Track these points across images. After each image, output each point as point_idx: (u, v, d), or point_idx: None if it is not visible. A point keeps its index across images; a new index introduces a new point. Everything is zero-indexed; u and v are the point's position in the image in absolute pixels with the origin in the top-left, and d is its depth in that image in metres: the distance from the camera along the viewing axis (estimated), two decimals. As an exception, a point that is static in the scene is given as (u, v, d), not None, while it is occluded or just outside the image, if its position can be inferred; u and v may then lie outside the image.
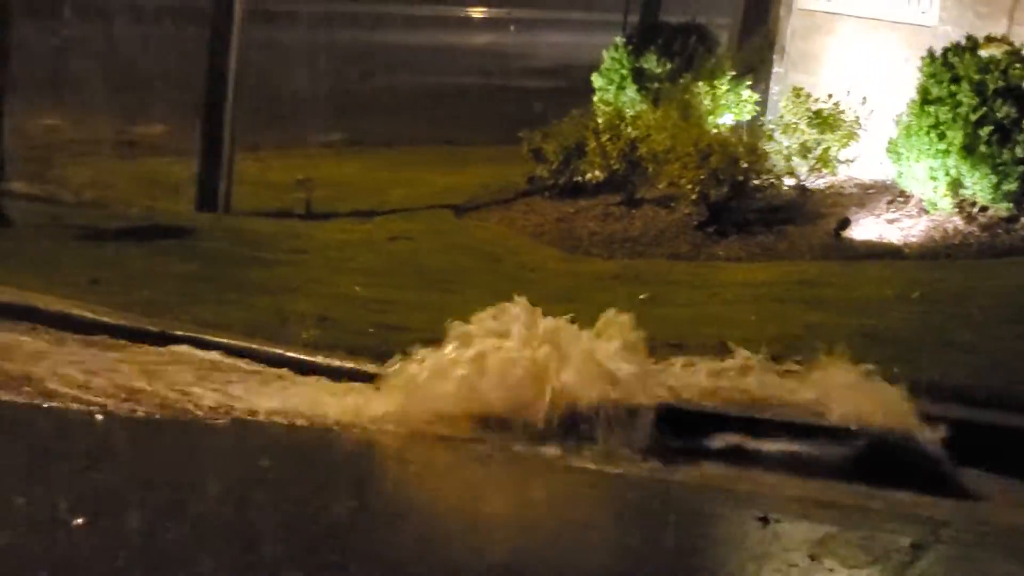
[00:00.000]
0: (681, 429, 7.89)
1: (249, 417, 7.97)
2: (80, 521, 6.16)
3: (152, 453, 7.53)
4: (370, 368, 8.49)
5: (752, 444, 7.80)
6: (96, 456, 7.37)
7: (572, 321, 8.42)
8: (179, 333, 9.28)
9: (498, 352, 8.09)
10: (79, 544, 6.00)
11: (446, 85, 24.31)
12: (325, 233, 13.10)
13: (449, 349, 8.13)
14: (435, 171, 16.51)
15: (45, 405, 7.92)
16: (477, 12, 37.27)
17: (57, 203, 13.70)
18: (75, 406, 7.93)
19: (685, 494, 7.34)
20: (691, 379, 8.26)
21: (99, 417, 7.79)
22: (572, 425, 7.88)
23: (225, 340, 9.14)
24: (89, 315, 9.58)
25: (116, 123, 17.91)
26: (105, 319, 9.52)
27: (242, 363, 8.85)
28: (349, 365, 8.73)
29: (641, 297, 10.56)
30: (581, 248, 12.72)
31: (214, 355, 8.95)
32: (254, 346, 9.04)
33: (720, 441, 7.82)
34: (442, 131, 19.51)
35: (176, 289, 10.34)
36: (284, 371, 8.76)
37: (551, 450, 7.69)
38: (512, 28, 36.11)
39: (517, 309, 8.26)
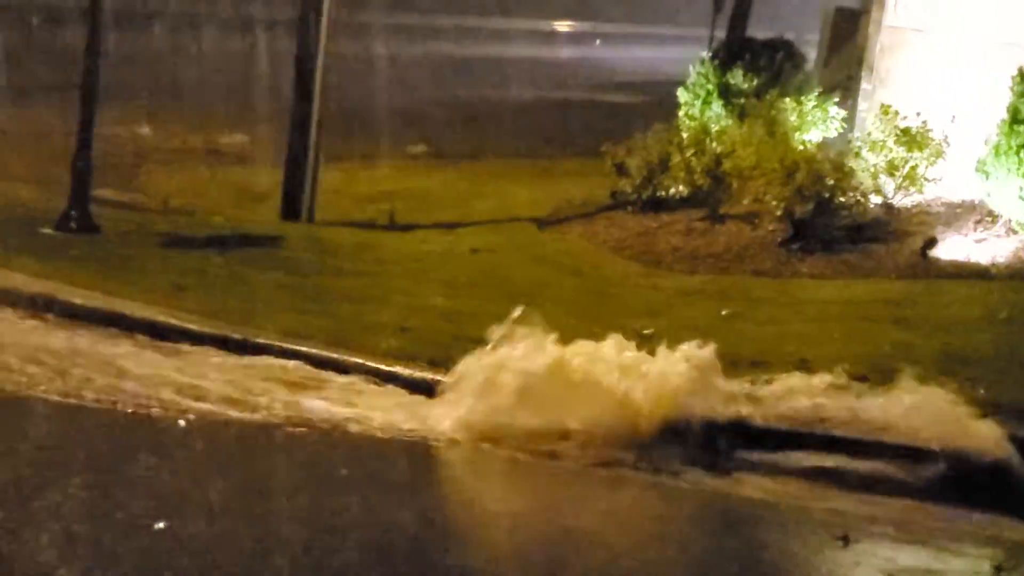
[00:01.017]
0: (760, 446, 7.82)
1: (328, 425, 8.02)
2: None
3: (244, 459, 7.60)
4: (446, 379, 8.49)
5: (832, 463, 7.72)
6: (170, 459, 7.45)
7: (652, 337, 8.39)
8: (261, 341, 9.34)
9: (574, 367, 8.09)
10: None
11: (531, 98, 24.35)
12: (407, 244, 13.14)
13: (523, 362, 8.13)
14: (518, 184, 16.51)
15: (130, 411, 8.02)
16: (563, 26, 37.35)
17: (144, 210, 13.86)
18: (163, 411, 8.03)
19: (764, 512, 7.27)
20: (772, 396, 8.19)
21: (181, 423, 7.88)
22: (648, 441, 7.85)
23: (306, 348, 9.18)
24: (174, 322, 9.67)
25: (203, 132, 18.13)
26: (190, 326, 9.61)
27: (323, 372, 8.90)
28: (426, 375, 8.74)
29: (723, 313, 10.49)
30: (663, 263, 12.66)
31: (295, 363, 9.01)
32: (335, 355, 9.07)
33: (800, 459, 7.75)
34: (526, 144, 19.54)
35: (260, 297, 10.41)
36: (363, 380, 8.79)
37: (625, 465, 7.68)
38: (598, 42, 36.12)
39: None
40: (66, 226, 12.16)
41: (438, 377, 8.59)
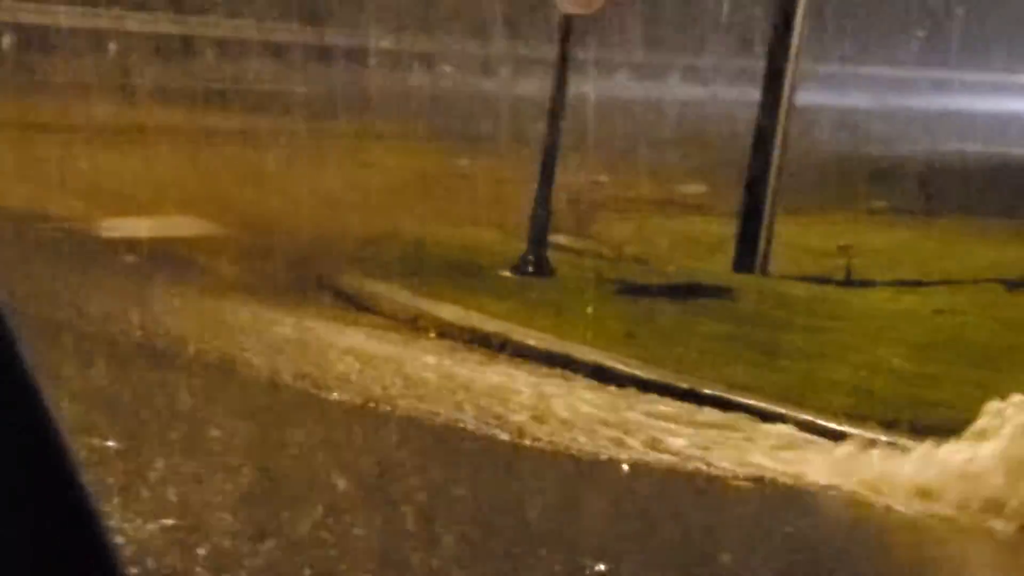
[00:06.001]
0: None
1: (774, 482, 7.79)
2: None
3: (694, 511, 7.44)
4: (907, 443, 8.05)
5: None
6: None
7: None
8: (708, 392, 9.17)
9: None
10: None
11: (999, 154, 23.18)
12: (864, 301, 12.66)
13: (989, 433, 7.63)
14: (985, 244, 15.69)
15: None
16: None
17: (598, 257, 13.96)
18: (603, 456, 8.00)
19: None
20: None
21: (625, 467, 7.82)
22: None
23: (752, 401, 8.96)
24: (622, 367, 9.64)
25: (660, 182, 18.17)
26: (637, 372, 9.55)
27: (767, 425, 8.67)
28: (883, 438, 8.32)
29: None
30: None
31: (740, 415, 8.82)
32: (782, 410, 8.80)
33: None
34: (993, 202, 18.52)
35: (708, 348, 10.25)
36: (812, 436, 8.50)
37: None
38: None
39: None
40: (523, 269, 12.42)
41: (895, 439, 8.17)
